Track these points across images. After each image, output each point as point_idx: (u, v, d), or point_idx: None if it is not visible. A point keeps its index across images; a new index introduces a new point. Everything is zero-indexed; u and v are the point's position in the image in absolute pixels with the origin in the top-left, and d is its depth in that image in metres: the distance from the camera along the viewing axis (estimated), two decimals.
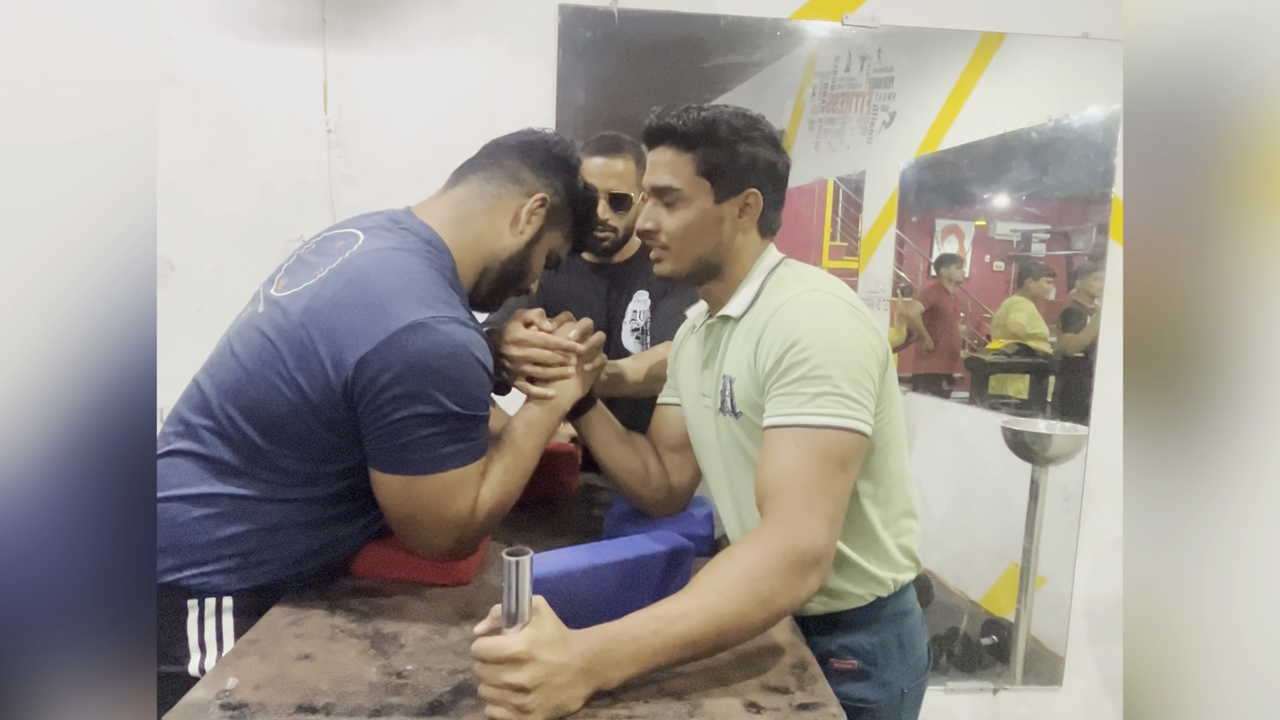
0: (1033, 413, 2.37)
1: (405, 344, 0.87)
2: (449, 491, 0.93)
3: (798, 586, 0.80)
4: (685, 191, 0.99)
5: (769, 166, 1.01)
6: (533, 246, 1.07)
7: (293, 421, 0.91)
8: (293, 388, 0.90)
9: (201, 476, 0.93)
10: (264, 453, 0.92)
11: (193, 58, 1.91)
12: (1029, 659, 2.28)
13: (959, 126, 2.24)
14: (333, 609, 0.94)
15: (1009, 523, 2.30)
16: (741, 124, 0.99)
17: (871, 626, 1.00)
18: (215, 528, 0.92)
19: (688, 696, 0.76)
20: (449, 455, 0.91)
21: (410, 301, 0.89)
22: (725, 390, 1.00)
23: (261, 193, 1.97)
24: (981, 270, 2.61)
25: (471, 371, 0.90)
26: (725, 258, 1.03)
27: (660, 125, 0.99)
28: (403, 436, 0.89)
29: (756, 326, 0.96)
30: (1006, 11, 2.13)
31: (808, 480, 0.84)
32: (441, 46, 1.98)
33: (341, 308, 0.89)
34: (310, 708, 0.73)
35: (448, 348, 0.88)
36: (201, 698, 0.74)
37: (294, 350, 0.89)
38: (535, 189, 1.06)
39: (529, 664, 0.69)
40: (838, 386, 0.87)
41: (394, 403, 0.87)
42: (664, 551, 0.91)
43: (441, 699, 0.75)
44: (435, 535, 0.95)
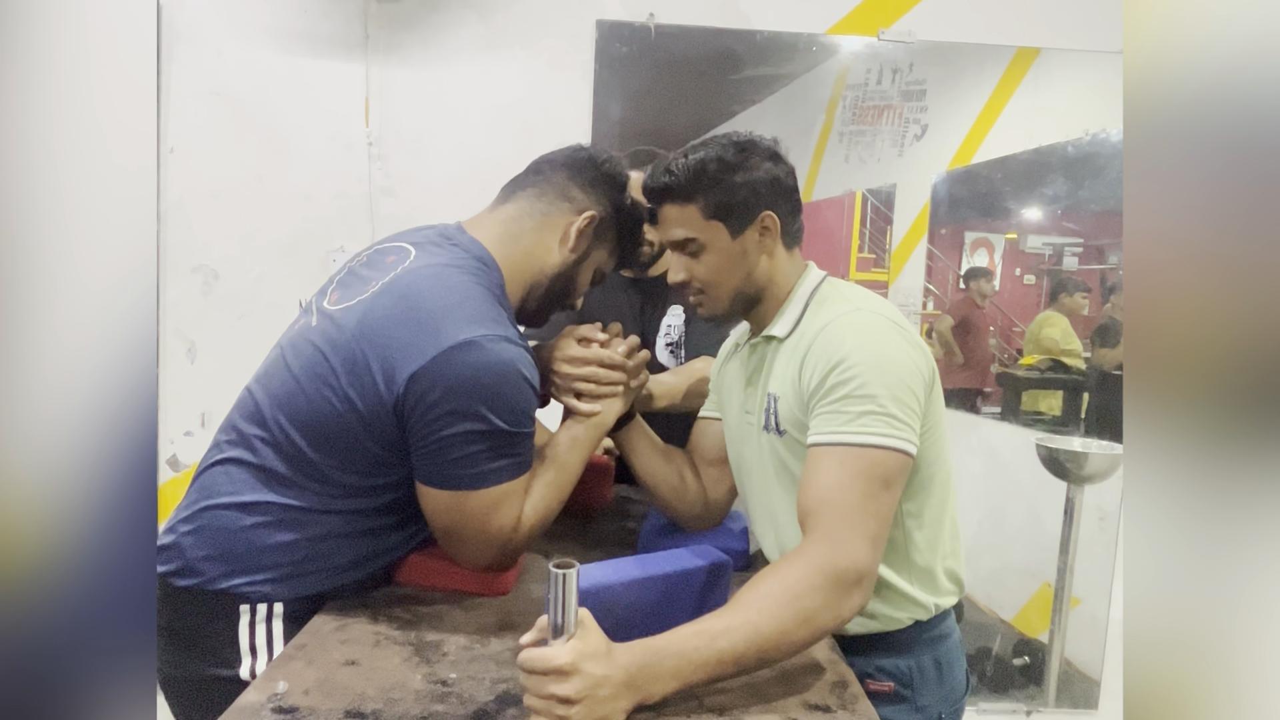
0: (1067, 430, 2.34)
1: (456, 361, 0.88)
2: (494, 506, 0.94)
3: (839, 605, 0.81)
4: (702, 239, 1.00)
5: (773, 183, 1.00)
6: (581, 263, 1.09)
7: (342, 434, 0.92)
8: (344, 401, 0.91)
9: (253, 485, 0.95)
10: (313, 463, 0.94)
11: (239, 71, 1.96)
12: (1062, 681, 2.24)
13: (992, 140, 2.23)
14: (376, 617, 0.96)
15: (1041, 541, 2.27)
16: (732, 155, 0.98)
17: (909, 649, 0.99)
18: (266, 536, 0.94)
19: (728, 712, 0.77)
20: (494, 471, 0.93)
21: (461, 319, 0.90)
22: (770, 408, 1.00)
23: (303, 204, 2.01)
24: (1012, 284, 2.58)
25: (519, 389, 0.92)
26: (761, 284, 1.03)
27: (656, 185, 1.00)
28: (450, 452, 0.91)
29: (801, 345, 0.96)
30: (1042, 27, 2.11)
31: (851, 499, 0.84)
32: (481, 61, 2.01)
33: (394, 323, 0.91)
34: (359, 713, 0.74)
35: (497, 366, 0.90)
36: (254, 700, 0.75)
37: (346, 364, 0.91)
38: (585, 206, 1.07)
39: (574, 676, 0.70)
40: (882, 406, 0.87)
41: (443, 419, 0.89)
42: (704, 566, 0.91)
43: (486, 708, 0.76)
44: (479, 549, 0.97)
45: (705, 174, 0.97)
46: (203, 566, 0.94)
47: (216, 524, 0.95)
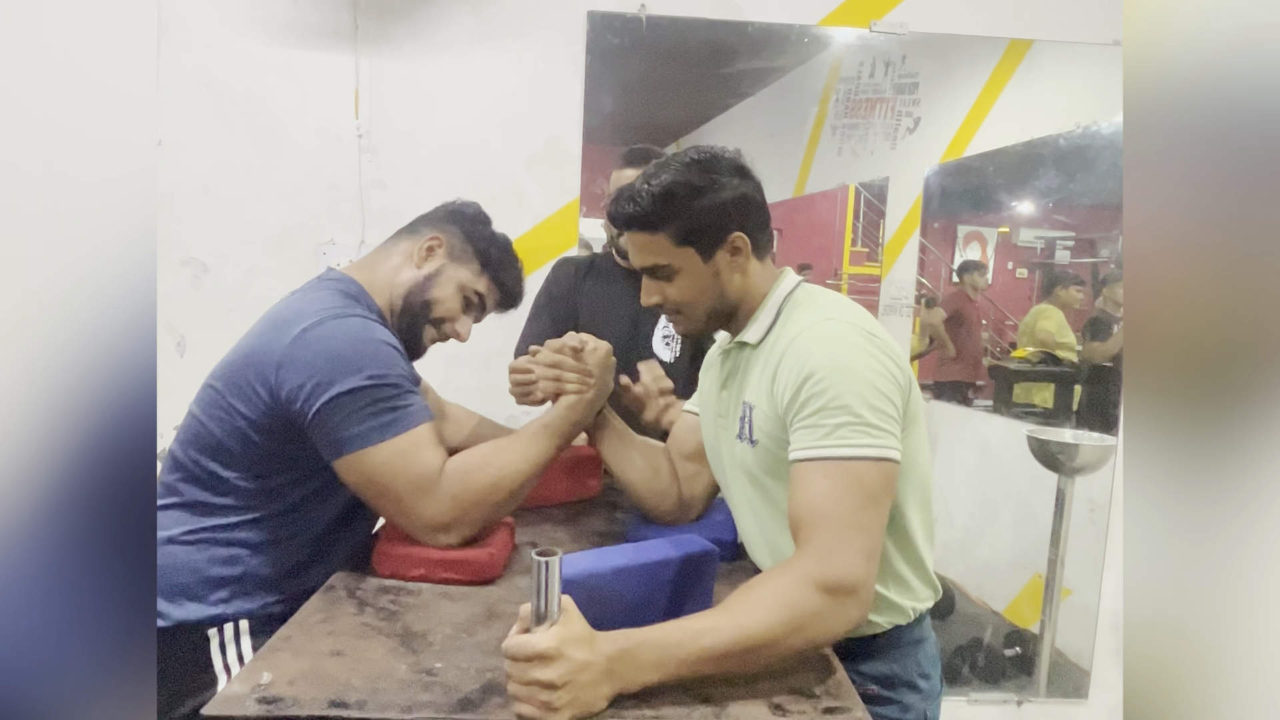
0: (1058, 422, 2.35)
1: (306, 340, 0.99)
2: (398, 458, 0.99)
3: (831, 616, 0.80)
4: (674, 265, 0.99)
5: (741, 201, 0.98)
6: (433, 279, 1.17)
7: (243, 444, 1.03)
8: (233, 414, 1.03)
9: (183, 519, 1.05)
10: (227, 481, 1.04)
11: (228, 63, 1.95)
12: (1053, 671, 2.25)
13: (985, 132, 2.23)
14: (362, 608, 0.96)
15: (1032, 533, 2.28)
16: (696, 177, 0.96)
17: (890, 654, 0.99)
18: (208, 561, 1.04)
19: (715, 699, 0.77)
20: (380, 427, 0.99)
21: (310, 311, 1.03)
22: (745, 417, 0.99)
23: (293, 196, 2.00)
24: (1004, 277, 2.59)
25: (374, 347, 1.01)
26: (735, 299, 1.02)
27: (620, 215, 0.98)
28: (333, 419, 0.98)
29: (774, 357, 0.96)
30: (1036, 18, 2.11)
31: (842, 511, 0.83)
32: (471, 53, 2.00)
33: (256, 336, 1.05)
34: (343, 703, 0.74)
35: (344, 332, 1.00)
36: (239, 691, 0.75)
37: (230, 385, 1.03)
38: (432, 234, 1.19)
39: (557, 661, 0.70)
40: (859, 415, 0.86)
41: (314, 393, 0.98)
42: (690, 555, 0.91)
43: (471, 696, 0.76)
44: (407, 504, 1.01)
45: (672, 201, 0.96)
46: (164, 608, 1.02)
47: (163, 563, 1.03)
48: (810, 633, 0.79)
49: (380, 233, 1.75)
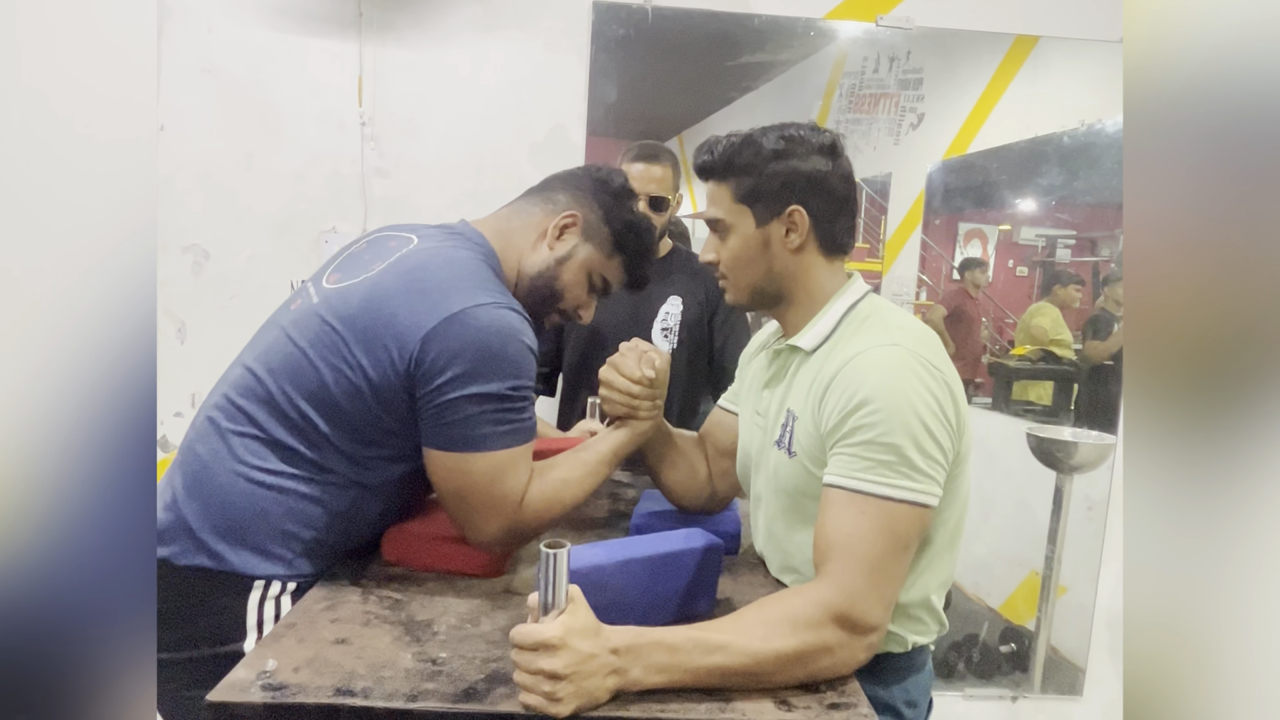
0: (1057, 420, 2.35)
1: (462, 325, 0.92)
2: (498, 471, 0.95)
3: (841, 652, 0.80)
4: (728, 220, 0.99)
5: (813, 179, 0.96)
6: (564, 264, 1.10)
7: (354, 403, 0.95)
8: (356, 370, 0.94)
9: (265, 455, 0.96)
10: (326, 436, 0.96)
11: (231, 48, 1.94)
12: (1048, 668, 2.26)
13: (989, 129, 2.22)
14: (367, 596, 0.96)
15: (1029, 530, 2.28)
16: (775, 143, 0.95)
17: (879, 677, 0.96)
18: (282, 510, 0.96)
19: (720, 693, 0.77)
20: (496, 435, 0.95)
21: (466, 289, 0.95)
22: (788, 426, 0.97)
23: (295, 184, 1.99)
24: (1004, 275, 2.59)
25: (521, 355, 0.95)
26: (785, 284, 0.99)
27: (698, 162, 1.00)
28: (454, 414, 0.93)
29: (826, 372, 0.91)
30: (1041, 14, 2.11)
31: (869, 554, 0.82)
32: (476, 42, 1.99)
33: (403, 294, 0.94)
34: (348, 691, 0.74)
35: (502, 330, 0.93)
36: (243, 678, 0.75)
37: (358, 334, 0.94)
38: (568, 208, 1.11)
39: (563, 650, 0.70)
40: (905, 457, 0.83)
41: (449, 382, 0.92)
42: (696, 549, 0.91)
43: (476, 686, 0.76)
44: (483, 517, 0.97)
45: (740, 156, 0.96)
46: (214, 545, 0.95)
47: (230, 496, 0.95)
48: (816, 666, 0.79)
49: (382, 221, 1.74)
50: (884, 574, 0.83)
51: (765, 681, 0.78)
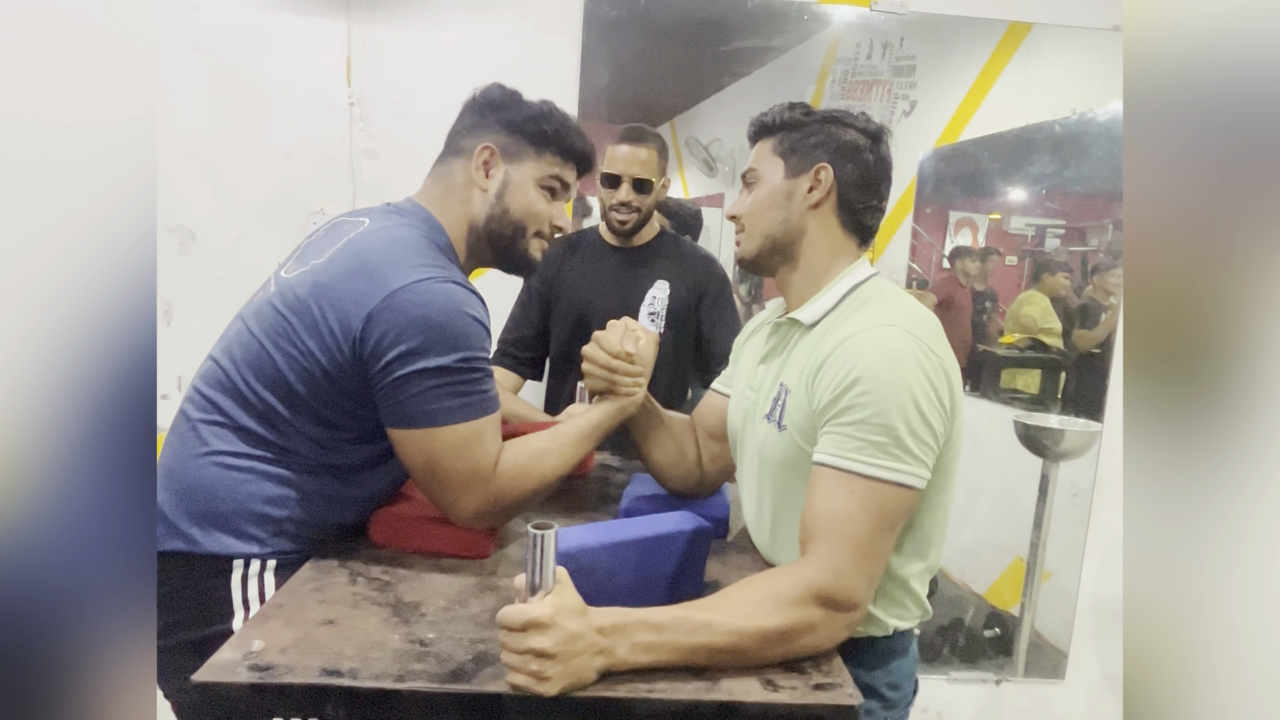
0: (1044, 407, 2.37)
1: (404, 302, 0.92)
2: (462, 444, 0.96)
3: (823, 630, 0.81)
4: (761, 170, 1.03)
5: (850, 148, 0.99)
6: (505, 194, 1.08)
7: (310, 388, 0.97)
8: (308, 357, 0.96)
9: (234, 441, 0.99)
10: (287, 421, 0.98)
11: (218, 27, 1.91)
12: (1032, 652, 2.29)
13: (981, 117, 2.22)
14: (355, 578, 0.96)
15: (1016, 517, 2.31)
16: (827, 113, 1.01)
17: (862, 659, 0.96)
18: (253, 493, 0.98)
19: (708, 673, 0.77)
20: (454, 409, 0.95)
21: (407, 266, 0.95)
22: (780, 399, 0.97)
23: (283, 165, 1.97)
24: (995, 264, 2.59)
25: (468, 327, 0.95)
26: (796, 242, 1.01)
27: (756, 124, 1.05)
28: (407, 390, 0.94)
29: (823, 349, 0.92)
30: (1036, 1, 2.10)
31: (856, 534, 0.83)
32: (467, 22, 1.97)
33: (346, 278, 0.96)
34: (335, 671, 0.74)
35: (443, 304, 0.94)
36: (230, 658, 0.75)
37: (305, 322, 0.96)
38: (480, 141, 1.08)
39: (551, 629, 0.70)
40: (896, 438, 0.84)
41: (397, 360, 0.93)
42: (684, 532, 0.92)
43: (463, 667, 0.77)
44: (456, 492, 0.98)
45: (789, 114, 1.01)
46: (189, 530, 0.97)
47: (200, 481, 0.98)
48: (799, 643, 0.80)
49: (371, 203, 1.72)
50: (868, 554, 0.83)
51: (750, 659, 0.79)
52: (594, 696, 0.73)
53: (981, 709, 2.31)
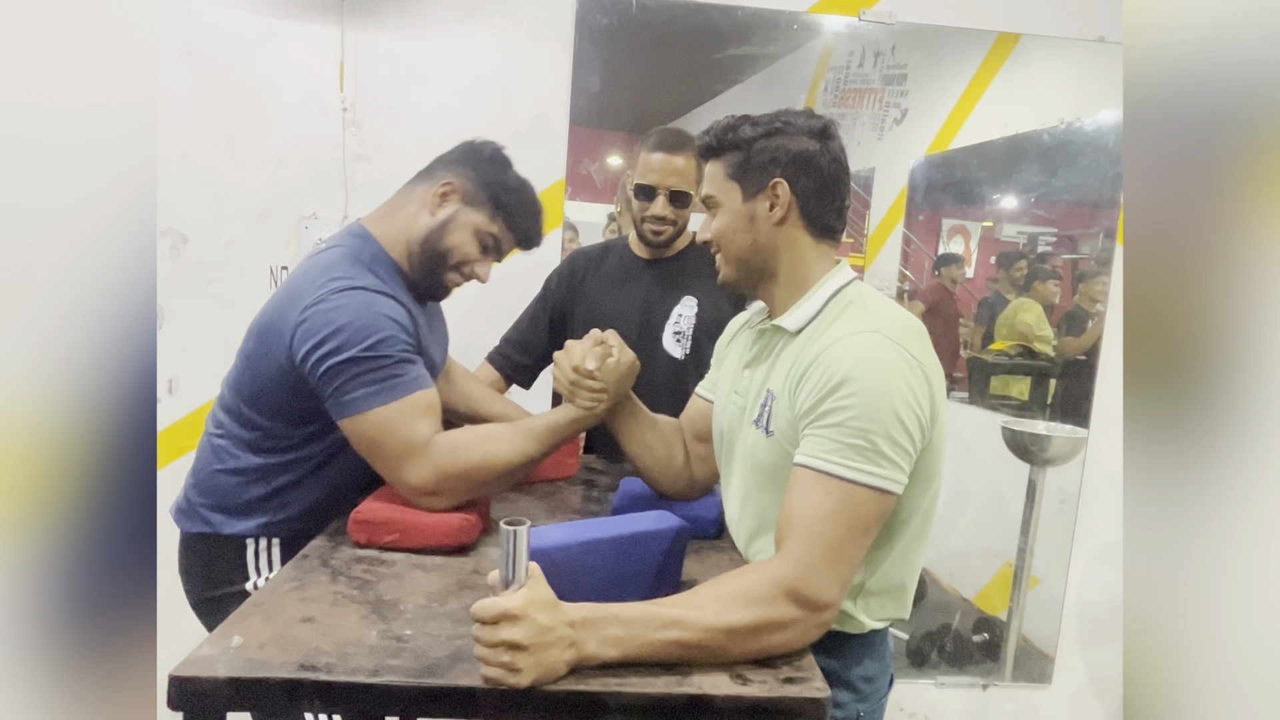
0: (1032, 414, 2.38)
1: (317, 309, 1.08)
2: (387, 424, 1.07)
3: (793, 628, 0.82)
4: (719, 196, 1.02)
5: (800, 157, 0.98)
6: (447, 226, 1.21)
7: (272, 395, 1.15)
8: (263, 373, 1.15)
9: (233, 453, 1.21)
10: (262, 427, 1.19)
11: (210, 31, 1.92)
12: (1019, 657, 2.30)
13: (970, 126, 2.24)
14: (336, 577, 0.97)
15: (1004, 523, 2.32)
16: (765, 123, 0.99)
17: (836, 650, 0.97)
18: (248, 490, 1.20)
19: (678, 667, 0.78)
20: (372, 394, 1.07)
21: (319, 282, 1.11)
22: (766, 405, 0.98)
23: (275, 169, 1.98)
24: (987, 271, 2.61)
25: (372, 319, 1.08)
26: (770, 260, 1.01)
27: (699, 144, 1.05)
28: (331, 384, 1.07)
29: (806, 356, 0.93)
30: (1023, 12, 2.12)
31: (831, 535, 0.84)
32: (459, 28, 1.99)
33: (276, 304, 1.15)
34: (312, 666, 0.75)
35: (349, 303, 1.08)
36: (209, 654, 0.76)
37: (260, 346, 1.15)
38: (445, 178, 1.22)
39: (523, 621, 0.71)
40: (873, 443, 0.85)
41: (318, 360, 1.07)
42: (660, 531, 0.93)
43: (439, 662, 0.77)
44: (395, 465, 1.08)
45: (733, 134, 1.00)
46: (212, 519, 1.21)
47: (214, 486, 1.22)
48: (769, 640, 0.81)
49: (363, 208, 1.74)
50: (841, 555, 0.84)
51: (720, 655, 0.79)
52: (566, 690, 0.74)
53: (968, 713, 2.31)
